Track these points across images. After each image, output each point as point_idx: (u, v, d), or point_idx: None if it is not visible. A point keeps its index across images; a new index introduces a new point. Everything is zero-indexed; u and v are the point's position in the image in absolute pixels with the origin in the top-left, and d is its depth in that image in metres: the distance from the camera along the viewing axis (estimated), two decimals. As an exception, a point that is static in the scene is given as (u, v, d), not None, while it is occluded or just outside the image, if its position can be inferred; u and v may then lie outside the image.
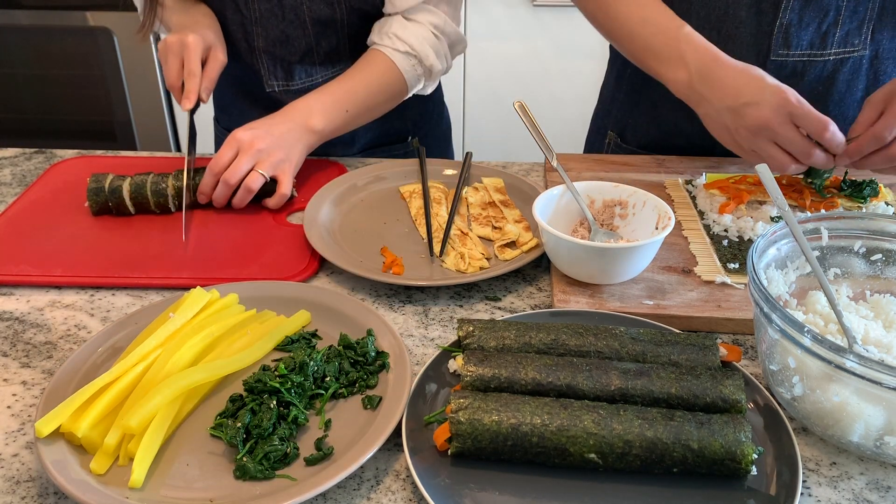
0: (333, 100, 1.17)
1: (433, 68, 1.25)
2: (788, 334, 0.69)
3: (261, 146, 1.09)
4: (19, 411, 0.77)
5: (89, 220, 1.10)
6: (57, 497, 0.68)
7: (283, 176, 1.10)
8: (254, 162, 1.08)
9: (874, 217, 0.85)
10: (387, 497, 0.68)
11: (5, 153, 1.32)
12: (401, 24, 1.21)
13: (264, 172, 1.08)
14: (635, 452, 0.66)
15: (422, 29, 1.22)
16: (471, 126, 2.87)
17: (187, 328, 0.81)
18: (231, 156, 1.08)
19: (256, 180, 1.08)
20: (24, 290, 0.95)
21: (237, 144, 1.09)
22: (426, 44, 1.22)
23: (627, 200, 1.00)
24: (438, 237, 1.03)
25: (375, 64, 1.21)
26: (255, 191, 1.09)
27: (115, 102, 2.74)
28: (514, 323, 0.80)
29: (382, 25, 1.23)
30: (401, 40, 1.20)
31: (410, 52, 1.21)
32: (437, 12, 1.23)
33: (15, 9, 2.58)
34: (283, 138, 1.11)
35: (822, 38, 1.12)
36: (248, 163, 1.08)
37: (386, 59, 1.21)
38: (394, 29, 1.21)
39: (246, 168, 1.08)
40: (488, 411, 0.68)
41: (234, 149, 1.09)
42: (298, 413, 0.72)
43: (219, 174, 1.08)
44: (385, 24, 1.23)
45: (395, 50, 1.21)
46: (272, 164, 1.09)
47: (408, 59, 1.22)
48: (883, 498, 0.68)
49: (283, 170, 1.11)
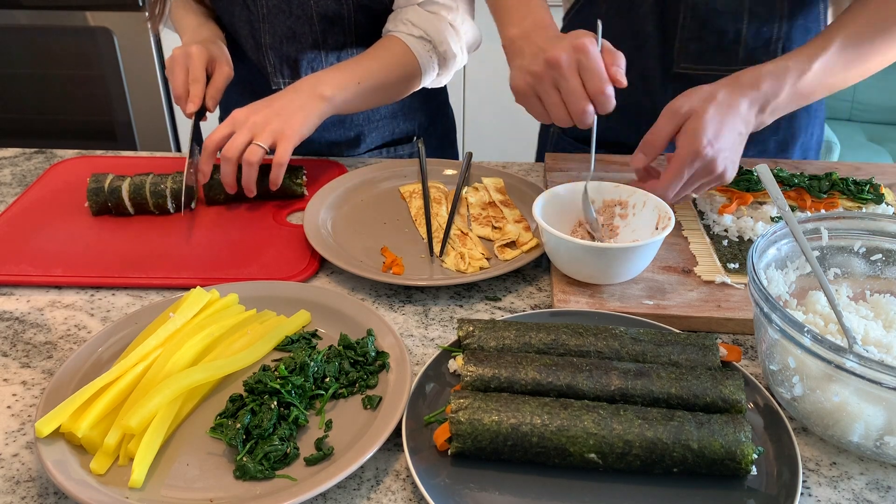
0: (346, 70, 1.16)
1: (447, 54, 1.24)
2: (788, 334, 0.69)
3: (256, 119, 1.06)
4: (19, 411, 0.77)
5: (89, 220, 1.10)
6: (57, 497, 0.68)
7: (281, 143, 1.06)
8: (251, 135, 1.06)
9: (874, 217, 0.85)
10: (387, 497, 0.68)
11: (5, 153, 1.32)
12: (416, 11, 1.22)
13: (262, 143, 1.05)
14: (635, 452, 0.66)
15: (436, 18, 1.22)
16: (471, 126, 2.87)
17: (187, 328, 0.81)
18: (226, 132, 1.06)
19: (255, 153, 1.05)
20: (24, 290, 0.95)
21: (232, 120, 1.07)
22: (441, 31, 1.22)
23: (627, 200, 1.00)
24: (438, 237, 1.03)
25: (389, 46, 1.21)
26: (254, 163, 1.05)
27: (115, 102, 2.74)
28: (514, 323, 0.80)
29: (398, 14, 1.24)
30: (415, 26, 1.21)
31: (425, 36, 1.21)
32: (451, 3, 1.24)
33: (15, 9, 2.58)
34: (283, 108, 1.09)
35: (726, 56, 1.15)
36: (245, 135, 1.05)
37: (400, 43, 1.21)
38: (409, 16, 1.22)
39: (243, 141, 1.05)
40: (488, 411, 0.68)
41: (231, 125, 1.07)
42: (299, 413, 0.72)
43: (214, 151, 1.07)
44: (400, 12, 1.24)
45: (410, 35, 1.21)
46: (270, 132, 1.06)
47: (422, 44, 1.22)
48: (883, 498, 0.68)
49: (283, 135, 1.06)
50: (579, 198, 1.00)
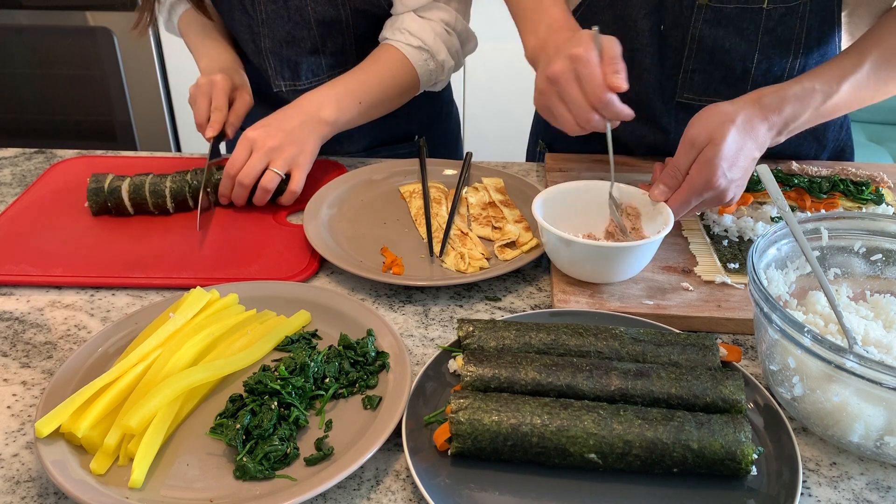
0: (346, 91, 1.17)
1: (445, 64, 1.25)
2: (788, 334, 0.69)
3: (273, 144, 1.09)
4: (19, 411, 0.77)
5: (89, 220, 1.10)
6: (57, 497, 0.68)
7: (296, 171, 1.10)
8: (267, 161, 1.09)
9: (874, 217, 0.85)
10: (387, 497, 0.68)
11: (5, 153, 1.32)
12: (413, 20, 1.22)
13: (278, 171, 1.09)
14: (635, 452, 0.66)
15: (434, 25, 1.22)
16: (471, 126, 2.87)
17: (187, 328, 0.81)
18: (245, 156, 1.09)
19: (272, 179, 1.09)
20: (24, 290, 0.95)
21: (250, 144, 1.09)
22: (438, 39, 1.23)
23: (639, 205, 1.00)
24: (438, 237, 1.03)
25: (387, 58, 1.21)
26: (271, 190, 1.09)
27: (115, 102, 2.74)
28: (514, 323, 0.80)
29: (394, 21, 1.24)
30: (413, 35, 1.21)
31: (423, 46, 1.21)
32: (448, 9, 1.24)
33: (15, 9, 2.58)
34: (294, 133, 1.11)
35: (731, 88, 1.13)
36: (262, 162, 1.08)
37: (398, 53, 1.21)
38: (406, 24, 1.22)
39: (259, 167, 1.08)
40: (488, 411, 0.68)
41: (248, 148, 1.09)
42: (299, 414, 0.72)
43: (235, 176, 1.09)
44: (397, 20, 1.23)
45: (408, 45, 1.21)
46: (286, 160, 1.09)
47: (420, 54, 1.22)
48: (883, 498, 0.68)
49: (297, 164, 1.10)
50: (579, 197, 1.00)
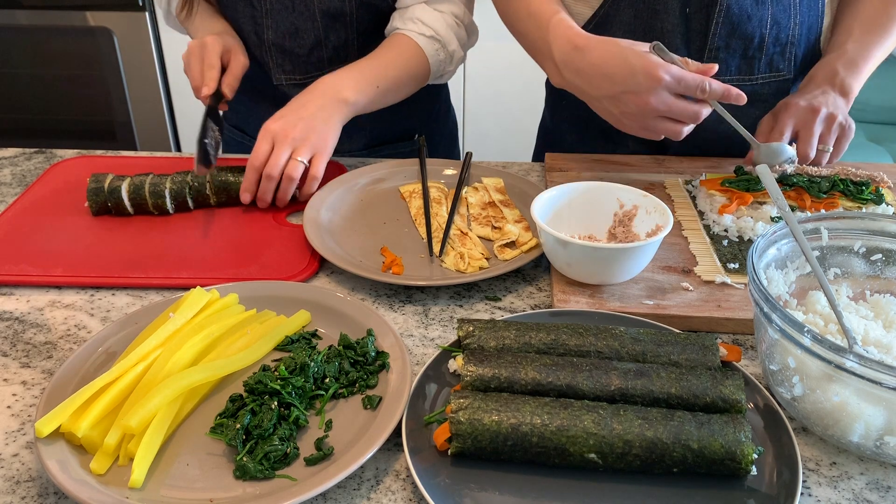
0: (363, 74, 1.17)
1: (455, 54, 1.26)
2: (788, 334, 0.69)
3: (295, 134, 1.09)
4: (19, 411, 0.77)
5: (89, 220, 1.10)
6: (57, 497, 0.68)
7: (317, 157, 1.10)
8: (290, 151, 1.09)
9: (874, 217, 0.85)
10: (387, 497, 0.68)
11: (5, 153, 1.32)
12: (425, 10, 1.23)
13: (303, 159, 1.08)
14: (635, 452, 0.66)
15: (444, 16, 1.23)
16: (471, 126, 2.87)
17: (187, 328, 0.81)
18: (268, 149, 1.09)
19: (297, 168, 1.08)
20: (24, 290, 0.95)
21: (271, 136, 1.09)
22: (450, 30, 1.23)
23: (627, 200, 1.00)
24: (438, 237, 1.03)
25: (401, 46, 1.22)
26: (297, 179, 1.09)
27: (115, 102, 2.74)
28: (514, 323, 0.80)
29: (404, 11, 1.24)
30: (425, 25, 1.22)
31: (435, 36, 1.22)
32: (457, 2, 1.25)
33: (15, 9, 2.58)
34: (314, 119, 1.11)
35: (749, 64, 1.17)
36: (286, 153, 1.08)
37: (411, 42, 1.22)
38: (418, 14, 1.22)
39: (285, 158, 1.08)
40: (488, 411, 0.68)
41: (269, 141, 1.09)
42: (299, 414, 0.72)
43: (260, 169, 1.09)
44: (407, 10, 1.24)
45: (420, 34, 1.22)
46: (308, 148, 1.09)
47: (432, 44, 1.23)
48: (883, 498, 0.68)
49: (319, 150, 1.10)
50: (579, 198, 1.00)
